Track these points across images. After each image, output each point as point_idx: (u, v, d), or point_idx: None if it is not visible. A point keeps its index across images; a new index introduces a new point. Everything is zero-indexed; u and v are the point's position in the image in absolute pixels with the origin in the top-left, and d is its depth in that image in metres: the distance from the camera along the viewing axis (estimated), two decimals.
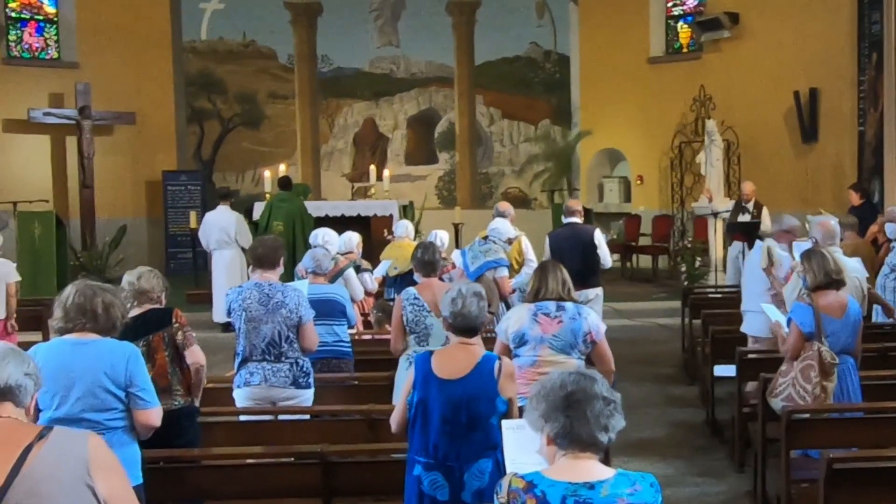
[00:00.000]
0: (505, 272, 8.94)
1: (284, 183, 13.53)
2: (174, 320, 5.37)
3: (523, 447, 3.35)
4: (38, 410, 4.09)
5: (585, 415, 2.85)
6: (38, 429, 2.79)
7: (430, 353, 4.69)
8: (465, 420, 4.44)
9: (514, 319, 5.53)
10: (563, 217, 10.10)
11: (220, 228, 12.43)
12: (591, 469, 2.88)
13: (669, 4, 18.70)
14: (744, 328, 8.21)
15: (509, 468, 3.64)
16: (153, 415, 4.42)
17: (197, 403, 5.55)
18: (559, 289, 5.51)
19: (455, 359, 4.58)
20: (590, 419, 2.85)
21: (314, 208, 13.94)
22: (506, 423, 4.05)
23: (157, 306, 5.47)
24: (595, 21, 18.86)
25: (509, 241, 9.28)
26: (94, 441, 2.86)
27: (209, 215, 12.85)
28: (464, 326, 4.65)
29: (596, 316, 5.60)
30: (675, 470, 7.14)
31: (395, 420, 4.70)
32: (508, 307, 8.04)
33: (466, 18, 19.91)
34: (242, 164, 19.43)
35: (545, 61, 19.91)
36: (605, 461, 3.02)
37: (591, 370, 3.03)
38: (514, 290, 8.92)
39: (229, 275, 12.32)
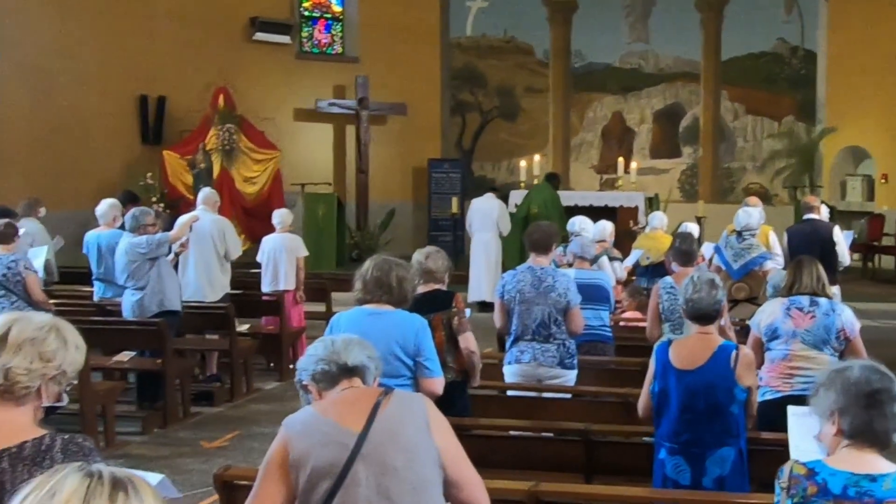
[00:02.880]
0: (770, 264, 8.55)
1: (551, 177, 14.03)
2: (454, 305, 5.37)
3: (807, 435, 3.27)
4: None
5: (885, 413, 2.81)
6: (381, 390, 3.03)
7: (669, 342, 4.65)
8: (703, 408, 4.40)
9: (767, 313, 5.36)
10: (802, 213, 9.73)
11: (484, 213, 12.80)
12: (873, 462, 2.82)
13: None
14: None
15: (793, 454, 3.56)
16: (437, 383, 4.49)
17: (475, 384, 5.51)
18: (813, 284, 5.29)
19: (692, 349, 4.53)
20: (888, 417, 2.81)
21: (565, 198, 14.09)
22: (792, 409, 3.98)
23: (441, 287, 5.43)
24: (845, 16, 17.80)
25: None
26: (428, 400, 3.06)
27: (476, 201, 13.22)
28: (695, 313, 4.61)
29: (851, 313, 5.32)
30: None
31: (640, 407, 4.76)
32: None
33: (715, 14, 19.35)
34: (499, 154, 19.74)
35: (791, 57, 19.06)
36: None
37: (884, 368, 2.93)
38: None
39: (487, 257, 12.65)
